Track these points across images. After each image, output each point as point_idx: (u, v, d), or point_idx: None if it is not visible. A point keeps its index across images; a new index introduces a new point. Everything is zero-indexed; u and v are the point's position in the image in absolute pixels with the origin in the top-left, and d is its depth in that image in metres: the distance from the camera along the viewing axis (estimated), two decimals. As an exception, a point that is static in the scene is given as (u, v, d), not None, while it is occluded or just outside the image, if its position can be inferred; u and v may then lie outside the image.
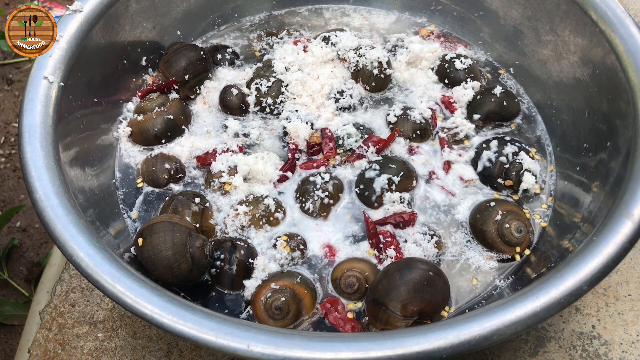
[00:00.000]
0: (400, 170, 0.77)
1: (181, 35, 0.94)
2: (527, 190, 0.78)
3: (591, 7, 0.77)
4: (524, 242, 0.73)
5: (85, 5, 0.77)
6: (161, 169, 0.78)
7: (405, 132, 0.84)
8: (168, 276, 0.64)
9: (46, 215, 0.60)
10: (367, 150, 0.81)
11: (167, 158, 0.80)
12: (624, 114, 0.70)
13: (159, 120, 0.82)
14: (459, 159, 0.82)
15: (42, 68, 0.71)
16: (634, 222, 0.58)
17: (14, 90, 1.87)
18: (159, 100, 0.84)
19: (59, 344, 0.72)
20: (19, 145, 0.65)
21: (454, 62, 0.90)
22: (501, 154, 0.79)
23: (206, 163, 0.80)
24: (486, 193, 0.80)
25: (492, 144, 0.81)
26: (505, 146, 0.80)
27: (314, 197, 0.76)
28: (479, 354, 0.71)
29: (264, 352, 0.51)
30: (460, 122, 0.85)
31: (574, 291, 0.54)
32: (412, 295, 0.61)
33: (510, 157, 0.79)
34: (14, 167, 1.73)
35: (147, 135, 0.82)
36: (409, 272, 0.63)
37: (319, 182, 0.77)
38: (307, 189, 0.77)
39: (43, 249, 1.56)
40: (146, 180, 0.79)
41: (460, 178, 0.81)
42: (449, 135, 0.85)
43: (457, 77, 0.89)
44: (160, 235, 0.64)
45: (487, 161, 0.80)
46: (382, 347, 0.51)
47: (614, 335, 0.72)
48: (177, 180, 0.79)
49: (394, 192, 0.76)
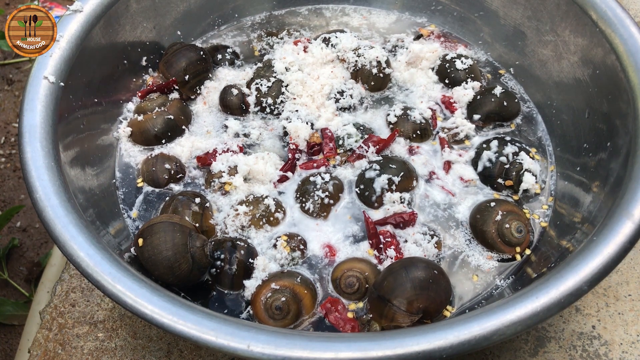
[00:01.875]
0: (400, 171, 0.77)
1: (181, 35, 0.94)
2: (527, 191, 0.78)
3: (591, 7, 0.77)
4: (524, 242, 0.73)
5: (85, 5, 0.77)
6: (161, 169, 0.78)
7: (406, 132, 0.84)
8: (168, 276, 0.64)
9: (46, 215, 0.60)
10: (368, 150, 0.81)
11: (167, 158, 0.80)
12: (624, 114, 0.70)
13: (159, 120, 0.82)
14: (459, 159, 0.82)
15: (42, 68, 0.71)
16: (634, 222, 0.58)
17: (14, 90, 1.87)
18: (159, 100, 0.84)
19: (59, 344, 0.72)
20: (19, 145, 0.65)
21: (454, 62, 0.90)
22: (501, 154, 0.79)
23: (206, 163, 0.80)
24: (486, 193, 0.80)
25: (492, 144, 0.81)
26: (506, 146, 0.80)
27: (314, 197, 0.76)
28: (479, 354, 0.71)
29: (264, 352, 0.51)
30: (460, 122, 0.85)
31: (574, 291, 0.54)
32: (419, 292, 0.62)
33: (511, 157, 0.79)
34: (14, 167, 1.73)
35: (148, 135, 0.82)
36: (415, 270, 0.63)
37: (319, 182, 0.77)
38: (307, 189, 0.77)
39: (43, 249, 1.56)
40: (146, 180, 0.79)
41: (461, 178, 0.81)
42: (449, 135, 0.85)
43: (458, 77, 0.89)
44: (160, 235, 0.64)
45: (487, 161, 0.80)
46: (382, 347, 0.51)
47: (614, 336, 0.72)
48: (177, 180, 0.79)
49: (394, 192, 0.76)
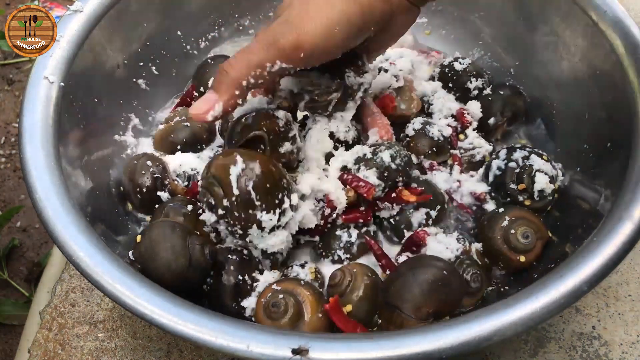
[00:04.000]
0: (437, 204, 0.73)
1: (181, 36, 0.94)
2: (543, 191, 0.75)
3: (592, 8, 0.77)
4: (533, 251, 0.69)
5: (85, 5, 0.77)
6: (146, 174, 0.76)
7: (422, 149, 0.80)
8: (164, 269, 0.61)
9: (46, 215, 0.60)
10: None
11: (154, 159, 0.78)
12: (625, 115, 0.70)
13: (179, 129, 0.83)
14: (470, 179, 0.81)
15: (42, 68, 0.71)
16: (634, 223, 0.58)
17: (14, 90, 1.87)
18: (183, 111, 0.85)
19: (59, 344, 0.72)
20: (19, 145, 0.65)
21: (452, 65, 0.90)
22: (510, 160, 0.77)
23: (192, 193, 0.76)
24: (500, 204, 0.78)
25: (500, 153, 0.79)
26: (514, 152, 0.78)
27: (334, 255, 0.71)
28: (479, 354, 0.71)
29: (264, 352, 0.51)
30: (477, 142, 0.83)
31: (574, 292, 0.54)
32: (427, 296, 0.59)
33: (520, 162, 0.76)
34: (14, 167, 1.73)
35: (165, 143, 0.83)
36: (423, 272, 0.61)
37: (344, 240, 0.71)
38: (331, 244, 0.71)
39: (43, 249, 1.56)
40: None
41: (472, 193, 0.79)
42: (465, 157, 0.82)
43: (460, 78, 0.89)
44: (159, 229, 0.63)
45: (497, 169, 0.78)
46: (382, 347, 0.51)
47: (614, 336, 0.72)
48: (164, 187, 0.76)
49: (430, 226, 0.73)
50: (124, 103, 0.86)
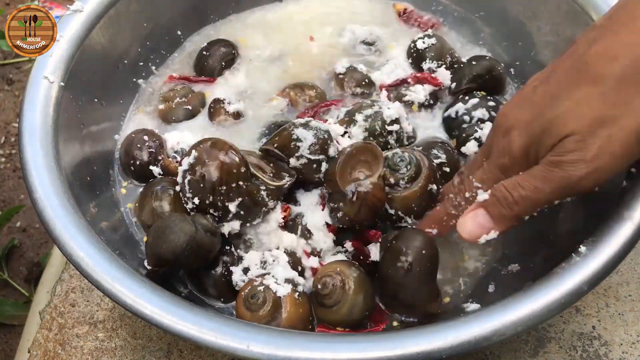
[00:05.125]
0: None
1: (182, 35, 0.94)
2: (464, 156, 0.76)
3: (592, 8, 0.77)
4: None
5: (85, 5, 0.77)
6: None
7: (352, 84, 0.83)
8: (174, 236, 0.60)
9: (46, 215, 0.60)
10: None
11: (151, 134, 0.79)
12: (625, 115, 0.69)
13: (178, 109, 0.84)
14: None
15: (42, 68, 0.71)
16: (634, 224, 0.58)
17: (14, 90, 1.87)
18: (182, 91, 0.86)
19: (59, 344, 0.72)
20: (19, 145, 0.65)
21: (416, 42, 0.88)
22: (469, 114, 0.77)
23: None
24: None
25: (471, 101, 0.78)
26: (480, 108, 0.77)
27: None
28: (479, 354, 0.71)
29: (263, 352, 0.51)
30: (415, 88, 0.82)
31: (574, 292, 0.54)
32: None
33: (474, 121, 0.76)
34: (14, 167, 1.73)
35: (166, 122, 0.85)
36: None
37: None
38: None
39: (43, 249, 1.56)
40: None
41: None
42: (396, 93, 0.82)
43: (419, 55, 0.87)
44: (166, 216, 0.64)
45: (454, 112, 0.78)
46: (382, 347, 0.51)
47: (614, 336, 0.72)
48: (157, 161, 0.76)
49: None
50: (124, 103, 0.86)
